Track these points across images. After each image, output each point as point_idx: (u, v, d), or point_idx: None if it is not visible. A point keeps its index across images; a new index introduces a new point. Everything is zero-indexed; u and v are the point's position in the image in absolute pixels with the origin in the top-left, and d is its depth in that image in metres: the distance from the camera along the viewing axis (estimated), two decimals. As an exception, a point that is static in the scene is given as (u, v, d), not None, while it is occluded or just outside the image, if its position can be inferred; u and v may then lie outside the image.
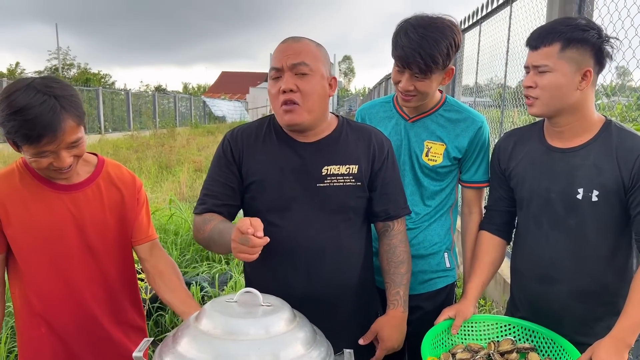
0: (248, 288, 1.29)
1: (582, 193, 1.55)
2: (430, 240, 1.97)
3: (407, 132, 1.93)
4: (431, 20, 1.74)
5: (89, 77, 29.73)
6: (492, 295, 4.07)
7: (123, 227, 1.70)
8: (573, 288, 1.62)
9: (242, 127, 1.73)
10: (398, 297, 1.71)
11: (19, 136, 1.39)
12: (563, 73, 1.50)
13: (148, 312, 3.32)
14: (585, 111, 1.56)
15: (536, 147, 1.68)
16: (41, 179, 1.57)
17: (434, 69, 1.74)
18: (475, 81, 5.60)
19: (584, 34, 1.48)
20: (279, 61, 1.54)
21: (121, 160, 12.13)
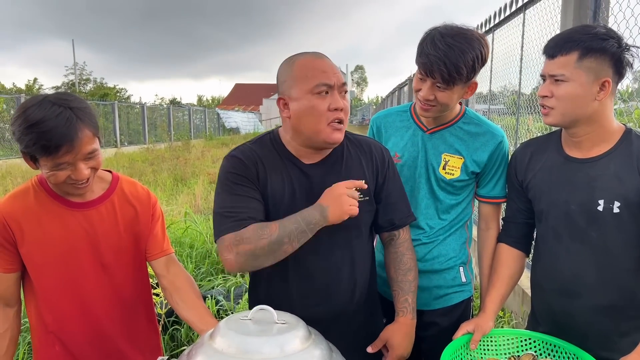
0: (262, 305, 1.27)
1: (602, 204, 1.50)
2: (446, 254, 1.93)
3: (425, 143, 1.89)
4: (460, 30, 1.70)
5: (106, 92, 30.16)
6: (510, 306, 4.00)
7: (137, 244, 1.70)
8: (597, 302, 1.56)
9: (245, 146, 1.63)
10: (407, 304, 1.69)
11: (37, 148, 1.39)
12: (580, 83, 1.46)
13: (164, 326, 3.32)
14: (604, 121, 1.52)
15: (554, 157, 1.64)
16: (56, 196, 1.57)
17: (457, 80, 1.69)
18: (489, 89, 5.55)
19: (602, 43, 1.43)
20: (330, 78, 1.50)
21: (137, 173, 12.25)
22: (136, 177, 11.67)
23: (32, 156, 1.45)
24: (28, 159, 1.47)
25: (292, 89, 1.52)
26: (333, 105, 1.49)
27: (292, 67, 1.54)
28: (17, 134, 1.42)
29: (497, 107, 5.65)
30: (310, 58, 1.54)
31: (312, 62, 1.52)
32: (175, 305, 1.70)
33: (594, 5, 2.74)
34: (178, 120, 29.06)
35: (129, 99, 35.15)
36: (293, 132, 1.58)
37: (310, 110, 1.50)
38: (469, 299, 1.99)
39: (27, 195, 1.56)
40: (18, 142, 1.44)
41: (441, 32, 1.69)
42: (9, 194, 1.58)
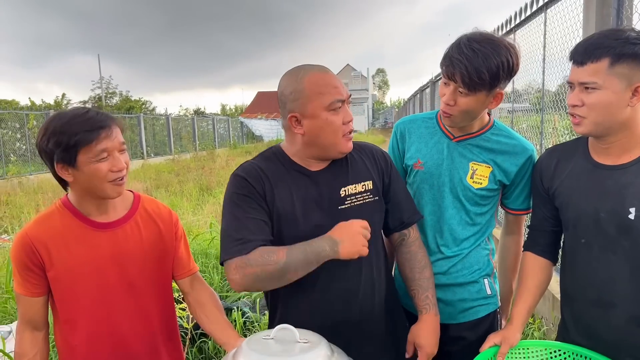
0: (285, 325, 1.27)
1: (634, 213, 1.44)
2: (470, 267, 1.89)
3: (451, 152, 1.85)
4: (488, 36, 1.67)
5: (132, 105, 30.74)
6: (540, 312, 3.92)
7: (162, 262, 1.72)
8: (632, 313, 1.50)
9: (249, 164, 1.65)
10: (428, 301, 1.69)
11: (79, 138, 1.47)
12: (613, 91, 1.40)
13: (191, 339, 3.34)
14: (635, 127, 1.46)
15: (581, 164, 1.59)
16: (81, 217, 1.60)
17: (478, 85, 1.64)
18: (513, 89, 5.47)
19: (634, 47, 1.37)
20: (342, 93, 1.57)
21: (163, 184, 12.43)
22: (163, 188, 11.86)
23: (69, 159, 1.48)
24: (64, 167, 1.51)
25: (305, 106, 1.54)
26: (346, 118, 1.58)
27: (302, 84, 1.54)
28: (52, 139, 1.48)
29: (522, 105, 5.56)
30: (319, 74, 1.56)
31: (323, 79, 1.55)
32: (200, 320, 1.78)
33: (616, 3, 2.67)
34: (202, 130, 29.42)
35: (154, 110, 35.72)
36: (304, 146, 1.60)
37: (328, 126, 1.55)
38: (495, 311, 1.95)
39: (52, 219, 1.60)
40: (51, 150, 1.49)
41: (469, 38, 1.67)
42: (35, 218, 1.62)
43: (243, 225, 1.52)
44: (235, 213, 1.55)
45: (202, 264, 4.87)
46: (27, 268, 1.56)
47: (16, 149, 16.41)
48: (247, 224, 1.53)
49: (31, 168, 15.76)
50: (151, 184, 12.81)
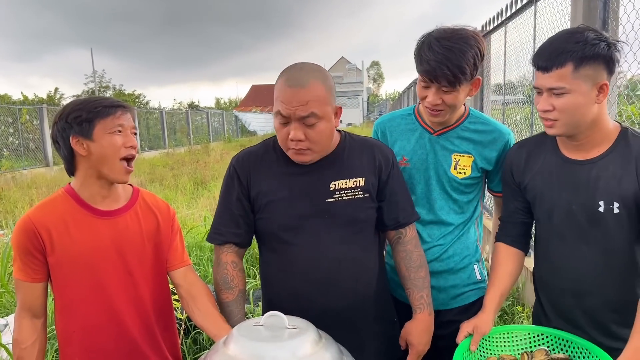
0: (273, 312, 1.30)
1: (603, 205, 1.52)
2: (461, 253, 1.95)
3: (433, 145, 1.91)
4: (454, 31, 1.72)
5: (125, 99, 30.59)
6: (530, 301, 3.98)
7: (158, 253, 1.76)
8: (605, 299, 1.58)
9: (247, 151, 1.77)
10: (422, 300, 1.73)
11: (98, 112, 1.57)
12: (580, 92, 1.46)
13: (186, 330, 3.38)
14: (602, 122, 1.53)
15: (552, 159, 1.65)
16: (84, 204, 1.63)
17: (462, 80, 1.70)
18: (504, 81, 5.51)
19: (594, 48, 1.43)
20: (286, 110, 1.53)
21: (158, 178, 12.42)
22: (157, 182, 11.86)
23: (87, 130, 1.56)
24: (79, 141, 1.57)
25: (274, 104, 1.60)
26: (291, 136, 1.56)
27: (276, 84, 1.61)
28: (71, 115, 1.57)
29: (515, 97, 5.60)
30: (284, 83, 1.56)
31: (281, 89, 1.56)
32: (191, 313, 1.76)
33: (603, -5, 2.71)
34: (197, 124, 29.34)
35: (148, 104, 35.58)
36: None
37: (277, 132, 1.63)
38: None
39: (55, 205, 1.63)
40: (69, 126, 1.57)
41: (436, 37, 1.71)
42: (39, 203, 1.64)
43: (222, 216, 1.75)
44: (222, 200, 1.76)
45: (196, 256, 4.91)
46: (29, 253, 1.59)
47: (9, 143, 16.33)
48: (225, 215, 1.74)
49: (24, 163, 15.71)
50: (145, 178, 12.80)
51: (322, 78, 1.58)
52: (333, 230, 1.65)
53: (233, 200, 1.71)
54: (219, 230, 1.74)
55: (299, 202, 1.66)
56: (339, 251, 1.65)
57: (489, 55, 5.93)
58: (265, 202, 1.68)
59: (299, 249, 1.66)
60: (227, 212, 1.72)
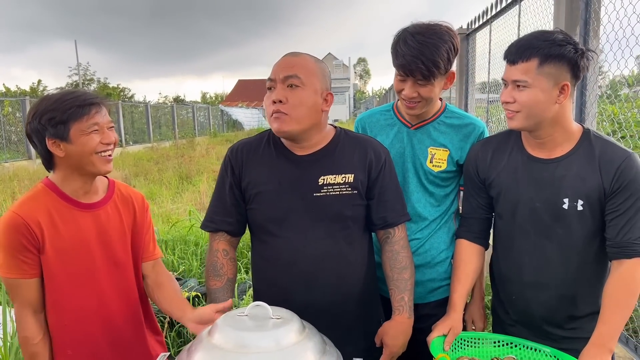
0: (258, 302, 1.32)
1: (568, 203, 1.59)
2: (437, 247, 1.98)
3: (410, 139, 1.96)
4: (429, 27, 1.77)
5: (109, 92, 30.27)
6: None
7: (137, 243, 1.78)
8: (562, 292, 1.67)
9: (243, 141, 1.81)
10: (403, 302, 1.73)
11: (72, 112, 1.54)
12: (541, 89, 1.53)
13: (170, 323, 3.38)
14: (565, 122, 1.60)
15: (517, 157, 1.71)
16: (66, 198, 1.63)
17: (436, 74, 1.76)
18: (488, 79, 5.57)
19: (560, 49, 1.50)
20: (273, 73, 1.63)
21: (142, 172, 12.34)
22: (142, 176, 11.78)
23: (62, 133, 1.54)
24: (55, 143, 1.55)
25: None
26: (272, 97, 1.62)
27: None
28: (45, 116, 1.54)
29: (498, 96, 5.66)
30: (280, 58, 1.67)
31: (277, 61, 1.66)
32: (157, 300, 1.82)
33: (585, -4, 2.75)
34: (182, 118, 29.15)
35: (133, 98, 35.25)
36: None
37: (265, 102, 1.68)
38: None
39: (38, 199, 1.61)
40: (43, 127, 1.55)
41: (411, 32, 1.77)
42: (21, 199, 1.62)
43: (216, 204, 1.79)
44: (216, 189, 1.81)
45: (180, 250, 4.90)
46: (24, 248, 1.55)
47: (-9, 136, 16.10)
48: (218, 204, 1.78)
49: (6, 155, 15.48)
50: (130, 171, 12.71)
51: (315, 59, 1.69)
52: (318, 225, 1.66)
53: (226, 189, 1.75)
54: (212, 219, 1.78)
55: (287, 194, 1.68)
56: (323, 246, 1.67)
57: (474, 54, 5.98)
58: (254, 193, 1.71)
59: (283, 242, 1.68)
60: (221, 201, 1.77)
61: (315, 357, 1.23)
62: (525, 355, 1.63)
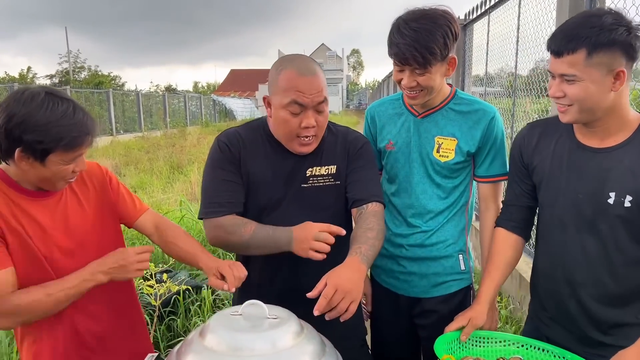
0: (253, 300, 1.25)
1: (614, 197, 1.45)
2: (445, 241, 1.91)
3: (417, 128, 1.88)
4: (423, 12, 1.70)
5: (100, 80, 29.93)
6: (508, 291, 4.00)
7: (110, 218, 1.69)
8: (602, 293, 1.53)
9: (233, 130, 1.77)
10: (358, 250, 1.52)
11: (65, 144, 1.41)
12: (593, 81, 1.38)
13: (160, 317, 3.31)
14: (621, 110, 1.45)
15: (565, 143, 1.58)
16: (19, 188, 1.52)
17: (432, 61, 1.68)
18: (486, 71, 5.50)
19: (611, 34, 1.34)
20: (304, 99, 1.57)
21: (133, 162, 12.21)
22: (132, 166, 11.65)
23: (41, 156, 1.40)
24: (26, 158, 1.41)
25: (274, 95, 1.64)
26: (304, 124, 1.60)
27: (279, 75, 1.62)
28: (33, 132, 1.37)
29: (494, 89, 5.60)
30: (295, 73, 1.59)
31: (294, 79, 1.58)
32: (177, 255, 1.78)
33: (591, -15, 2.68)
34: (174, 107, 28.89)
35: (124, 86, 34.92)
36: (272, 127, 1.72)
37: (283, 123, 1.62)
38: (468, 287, 1.98)
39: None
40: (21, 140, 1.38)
41: (405, 20, 1.69)
42: None
43: (221, 189, 1.69)
44: (216, 175, 1.71)
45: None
46: None
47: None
48: (224, 188, 1.69)
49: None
50: (120, 160, 12.57)
51: (320, 65, 1.68)
52: (305, 215, 1.63)
53: (229, 172, 1.70)
54: (219, 203, 1.67)
55: (278, 185, 1.71)
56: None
57: (471, 45, 5.90)
58: (249, 182, 1.71)
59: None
60: (224, 184, 1.69)
61: (314, 360, 1.16)
62: (532, 356, 1.57)
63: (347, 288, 1.39)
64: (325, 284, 1.38)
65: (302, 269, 1.63)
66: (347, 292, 1.38)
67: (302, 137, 1.63)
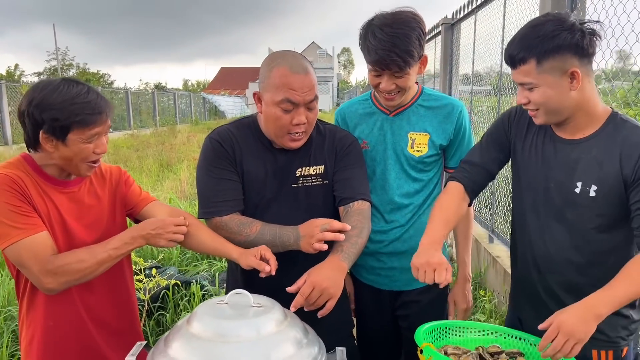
0: (239, 290, 1.29)
1: (580, 187, 1.52)
2: (422, 233, 1.95)
3: (390, 126, 1.94)
4: (394, 16, 1.74)
5: (88, 78, 29.75)
6: (493, 285, 4.07)
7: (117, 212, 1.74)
8: (564, 279, 1.60)
9: (224, 128, 1.78)
10: (340, 248, 1.59)
11: (78, 120, 1.48)
12: (549, 85, 1.45)
13: (149, 312, 3.33)
14: (587, 106, 1.51)
15: (541, 133, 1.65)
16: (43, 174, 1.58)
17: (411, 63, 1.74)
18: (472, 70, 5.56)
19: (554, 41, 1.41)
20: (296, 96, 1.61)
21: (122, 160, 12.15)
22: (121, 164, 11.59)
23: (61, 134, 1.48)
24: (49, 139, 1.48)
25: (265, 92, 1.66)
26: (295, 121, 1.63)
27: (271, 72, 1.64)
28: (49, 111, 1.47)
29: (482, 88, 5.66)
30: (287, 71, 1.62)
31: (287, 76, 1.61)
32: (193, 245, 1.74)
33: (571, -15, 2.74)
34: (163, 105, 28.77)
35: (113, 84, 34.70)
36: (263, 124, 1.73)
37: (275, 120, 1.65)
38: None
39: (18, 168, 1.55)
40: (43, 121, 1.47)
41: (378, 25, 1.73)
42: (3, 164, 1.56)
43: (219, 188, 1.70)
44: (211, 174, 1.72)
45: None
46: (23, 202, 1.48)
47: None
48: (223, 187, 1.70)
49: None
50: (109, 158, 12.51)
51: (310, 63, 1.70)
52: (296, 214, 1.68)
53: (227, 170, 1.72)
54: (220, 202, 1.69)
55: (270, 184, 1.73)
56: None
57: (459, 44, 5.97)
58: (245, 180, 1.73)
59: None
60: (223, 183, 1.71)
61: (295, 347, 1.20)
62: (510, 344, 1.62)
63: (324, 286, 1.46)
64: (305, 281, 1.46)
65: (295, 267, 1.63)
66: (324, 289, 1.46)
67: (292, 133, 1.66)
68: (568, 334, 1.30)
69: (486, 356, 1.52)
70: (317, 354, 1.22)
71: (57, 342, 1.62)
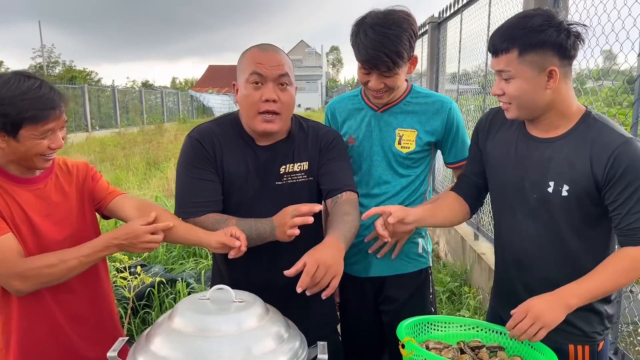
0: (220, 285, 1.30)
1: (552, 186, 1.53)
2: None
3: (377, 122, 1.95)
4: (386, 16, 1.75)
5: (74, 75, 29.45)
6: (477, 283, 4.11)
7: (89, 212, 1.72)
8: (542, 277, 1.61)
9: (205, 126, 1.77)
10: (337, 230, 1.57)
11: (29, 116, 1.43)
12: (525, 78, 1.46)
13: (134, 309, 3.32)
14: (561, 106, 1.53)
15: (514, 132, 1.66)
16: (5, 174, 1.55)
17: (400, 64, 1.76)
18: (458, 69, 5.60)
19: (540, 35, 1.42)
20: (264, 69, 1.60)
21: (109, 158, 12.08)
22: (108, 162, 11.52)
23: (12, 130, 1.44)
24: (2, 135, 1.45)
25: (238, 77, 1.67)
26: (264, 96, 1.60)
27: (242, 58, 1.68)
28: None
29: (469, 87, 5.70)
30: (256, 50, 1.65)
31: (254, 55, 1.64)
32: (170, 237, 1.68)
33: (554, -15, 2.78)
34: (151, 103, 28.57)
35: (100, 82, 34.38)
36: (242, 117, 1.73)
37: (245, 98, 1.64)
38: (427, 269, 2.06)
39: None
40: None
41: (370, 24, 1.73)
42: None
43: (197, 187, 1.69)
44: (190, 173, 1.70)
45: (147, 236, 4.81)
46: None
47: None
48: (202, 187, 1.69)
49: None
50: (96, 157, 12.42)
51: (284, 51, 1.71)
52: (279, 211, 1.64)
53: (206, 170, 1.70)
54: (197, 203, 1.68)
55: (252, 182, 1.71)
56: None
57: (445, 43, 6.00)
58: (226, 179, 1.72)
59: None
60: (202, 183, 1.69)
61: (276, 341, 1.21)
62: (490, 338, 1.65)
63: (329, 263, 1.41)
64: (305, 263, 1.40)
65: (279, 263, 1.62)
66: (329, 266, 1.40)
67: (263, 113, 1.62)
68: (535, 318, 1.38)
69: (467, 350, 1.54)
70: (298, 348, 1.24)
71: (33, 344, 1.60)
